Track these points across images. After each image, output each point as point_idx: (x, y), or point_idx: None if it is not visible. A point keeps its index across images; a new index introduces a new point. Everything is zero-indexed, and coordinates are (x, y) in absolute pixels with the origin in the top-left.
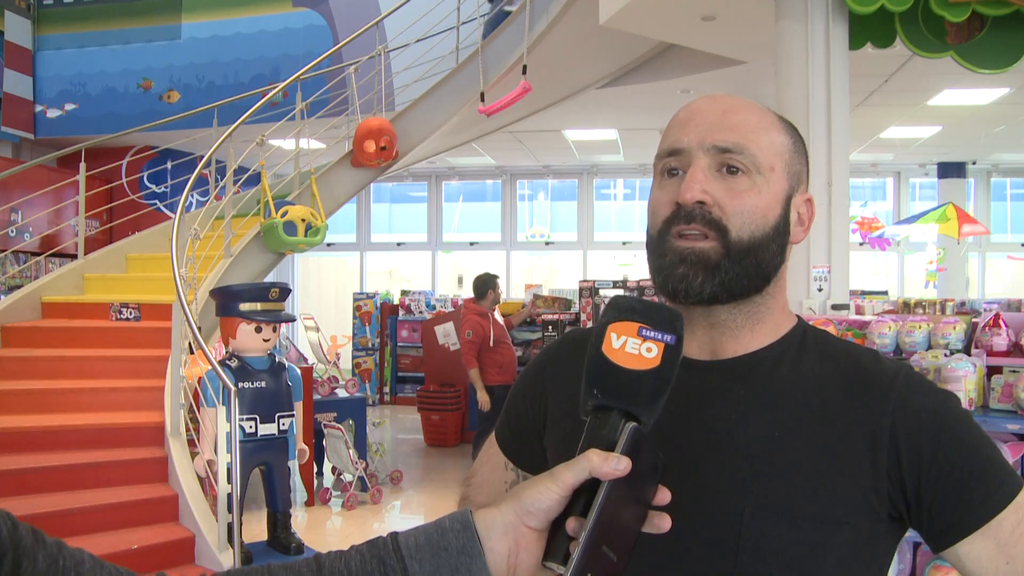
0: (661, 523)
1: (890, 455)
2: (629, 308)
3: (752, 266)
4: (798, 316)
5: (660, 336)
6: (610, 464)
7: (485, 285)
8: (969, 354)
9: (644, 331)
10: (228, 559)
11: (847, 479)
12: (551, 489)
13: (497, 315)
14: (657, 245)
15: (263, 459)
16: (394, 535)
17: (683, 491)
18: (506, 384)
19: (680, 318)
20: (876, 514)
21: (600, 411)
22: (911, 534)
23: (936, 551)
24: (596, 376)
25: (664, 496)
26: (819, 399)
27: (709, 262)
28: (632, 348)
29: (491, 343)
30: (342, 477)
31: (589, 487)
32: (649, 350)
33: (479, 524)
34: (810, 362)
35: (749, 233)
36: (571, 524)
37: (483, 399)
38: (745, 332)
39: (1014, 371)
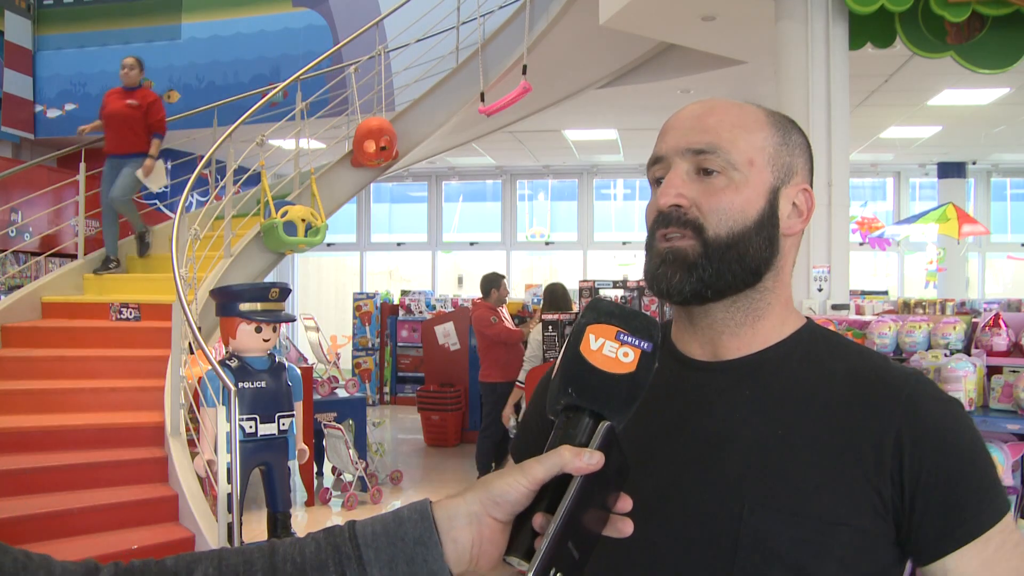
0: (623, 527)
1: (894, 458)
2: (608, 312)
3: (734, 260)
4: (808, 318)
5: (637, 342)
6: (583, 459)
7: (489, 284)
8: (969, 354)
9: (622, 336)
10: None
11: (849, 480)
12: (520, 482)
13: (505, 312)
14: (647, 251)
15: (263, 459)
16: (351, 523)
17: (688, 489)
18: (508, 382)
19: (656, 326)
20: (880, 518)
21: (571, 411)
22: None
23: (920, 564)
24: (572, 375)
25: (625, 503)
26: (824, 399)
27: (687, 260)
28: (609, 351)
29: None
30: (342, 477)
31: (556, 484)
32: (626, 355)
33: (440, 514)
34: (818, 363)
35: (727, 229)
36: (538, 519)
37: (528, 333)
38: (745, 329)
39: (1014, 371)
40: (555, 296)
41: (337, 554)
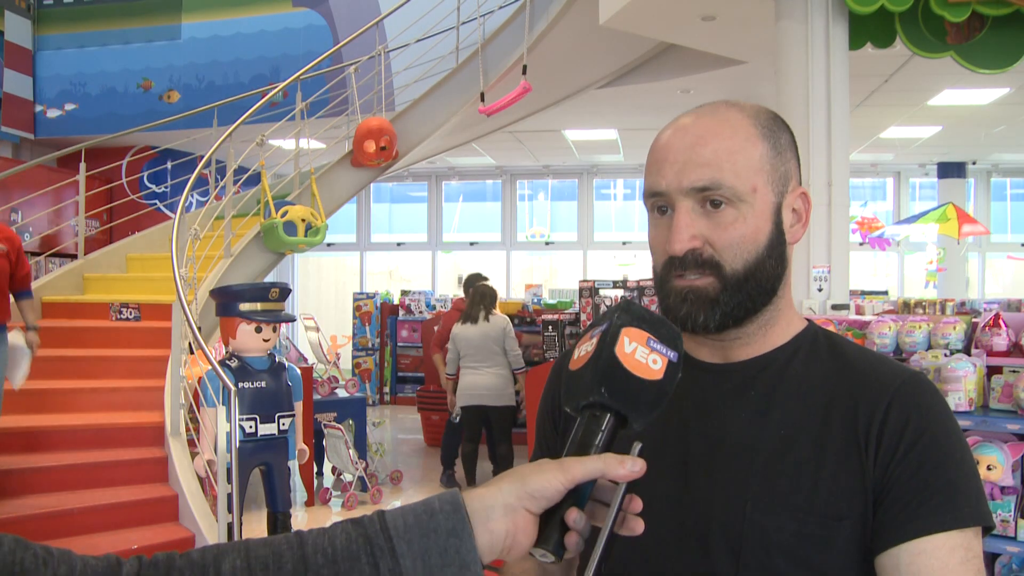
0: (635, 526)
1: (876, 445)
2: (640, 316)
3: (753, 290)
4: (808, 320)
5: (665, 351)
6: (626, 467)
7: (467, 285)
8: (969, 354)
9: (652, 342)
10: None
11: (848, 474)
12: (559, 479)
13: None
14: (661, 287)
15: (263, 459)
16: (381, 514)
17: (695, 486)
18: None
19: (680, 337)
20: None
21: (594, 409)
22: None
23: (872, 553)
24: (606, 375)
25: (636, 504)
26: (825, 397)
27: (708, 298)
28: (641, 356)
29: None
30: (342, 477)
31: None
32: (655, 362)
33: (475, 505)
34: (820, 362)
35: (743, 262)
36: (573, 515)
37: (445, 381)
38: (757, 338)
39: (1014, 371)
40: (487, 297)
41: (369, 545)
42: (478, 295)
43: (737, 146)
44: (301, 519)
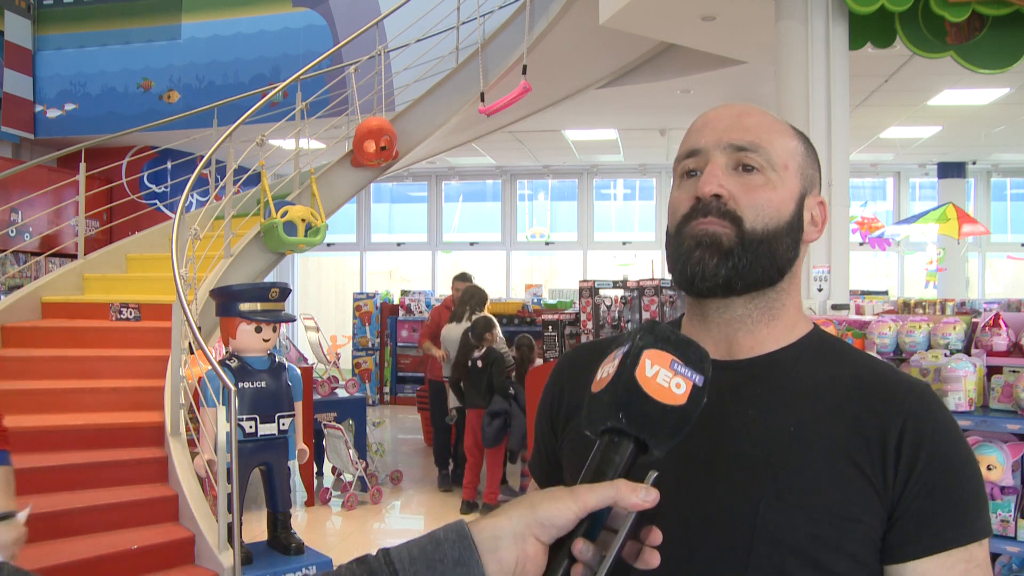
0: (651, 559)
1: (894, 460)
2: (664, 338)
3: (766, 256)
4: (815, 324)
5: (690, 374)
6: (639, 495)
7: (457, 280)
8: (969, 354)
9: (676, 365)
10: (228, 559)
11: (859, 478)
12: (570, 508)
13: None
14: (675, 237)
15: (263, 459)
16: (385, 550)
17: (701, 484)
18: (437, 380)
19: (708, 359)
20: (886, 515)
21: (614, 434)
22: None
23: (884, 563)
24: (625, 401)
25: (656, 536)
26: (834, 399)
27: (722, 246)
28: (663, 380)
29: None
30: (342, 477)
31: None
32: (679, 386)
33: (481, 534)
34: (827, 365)
35: (763, 225)
36: (578, 545)
37: (439, 354)
38: (761, 327)
39: (1014, 371)
40: (475, 298)
41: None
42: (467, 295)
43: (778, 128)
44: (301, 519)
